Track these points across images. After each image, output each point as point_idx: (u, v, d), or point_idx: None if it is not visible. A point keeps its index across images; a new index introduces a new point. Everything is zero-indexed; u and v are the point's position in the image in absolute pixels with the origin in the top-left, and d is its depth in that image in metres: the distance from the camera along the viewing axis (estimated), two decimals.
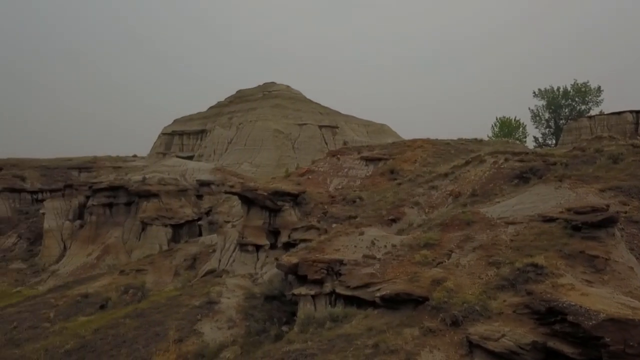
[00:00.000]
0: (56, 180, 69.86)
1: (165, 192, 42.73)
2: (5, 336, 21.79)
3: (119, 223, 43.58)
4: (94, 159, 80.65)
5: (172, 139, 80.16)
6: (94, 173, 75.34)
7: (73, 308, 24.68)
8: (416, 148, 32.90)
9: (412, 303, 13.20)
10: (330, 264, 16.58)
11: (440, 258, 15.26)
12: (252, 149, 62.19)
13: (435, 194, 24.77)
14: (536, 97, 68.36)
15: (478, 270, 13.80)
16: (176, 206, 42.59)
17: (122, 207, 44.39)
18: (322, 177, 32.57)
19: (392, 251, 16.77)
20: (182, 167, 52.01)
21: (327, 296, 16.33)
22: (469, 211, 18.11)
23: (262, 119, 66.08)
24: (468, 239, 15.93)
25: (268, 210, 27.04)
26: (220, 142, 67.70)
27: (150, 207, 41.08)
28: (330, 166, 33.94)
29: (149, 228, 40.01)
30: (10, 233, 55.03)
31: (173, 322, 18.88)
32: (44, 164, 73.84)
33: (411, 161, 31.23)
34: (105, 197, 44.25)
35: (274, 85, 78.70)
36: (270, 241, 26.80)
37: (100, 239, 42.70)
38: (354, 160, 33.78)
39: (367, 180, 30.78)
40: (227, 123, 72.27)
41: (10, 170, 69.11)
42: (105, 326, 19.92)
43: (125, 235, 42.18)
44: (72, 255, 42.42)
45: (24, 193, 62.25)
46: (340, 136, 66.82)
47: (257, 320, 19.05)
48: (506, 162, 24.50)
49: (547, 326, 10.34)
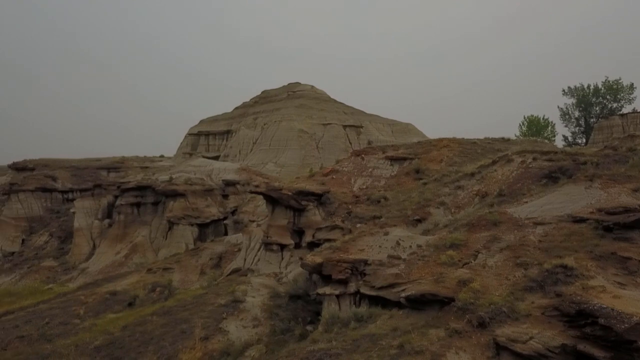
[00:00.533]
0: (86, 180, 71.48)
1: (192, 192, 43.29)
2: (38, 331, 22.37)
3: (146, 222, 44.37)
4: (122, 160, 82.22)
5: (198, 140, 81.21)
6: (122, 173, 76.82)
7: (102, 305, 25.21)
8: (442, 147, 32.56)
9: (437, 304, 13.06)
10: (355, 263, 16.54)
11: (466, 259, 15.07)
12: (276, 149, 62.60)
13: (461, 194, 24.48)
14: (565, 95, 66.88)
15: (505, 271, 13.57)
16: (202, 206, 43.11)
17: (150, 206, 45.19)
18: (346, 176, 32.52)
19: (417, 251, 16.63)
20: (208, 167, 52.64)
21: (352, 296, 16.30)
22: (495, 211, 17.83)
23: (287, 119, 66.44)
24: (495, 239, 15.68)
25: (292, 210, 27.15)
26: (245, 143, 68.30)
27: (177, 207, 41.68)
28: (355, 166, 33.86)
29: (176, 227, 40.59)
30: (42, 231, 56.57)
31: (199, 320, 19.10)
32: (74, 164, 75.62)
33: (437, 160, 30.93)
34: (133, 196, 45.11)
35: (299, 85, 78.99)
36: (295, 240, 26.90)
37: (128, 238, 43.53)
38: (379, 159, 33.62)
39: (392, 180, 30.61)
40: (252, 123, 72.86)
41: (42, 171, 70.97)
42: (133, 323, 20.27)
43: (152, 234, 42.90)
44: (101, 253, 43.35)
45: (55, 193, 63.81)
46: (364, 136, 66.62)
47: (281, 320, 19.14)
48: (534, 162, 24.05)
49: (577, 329, 10.10)
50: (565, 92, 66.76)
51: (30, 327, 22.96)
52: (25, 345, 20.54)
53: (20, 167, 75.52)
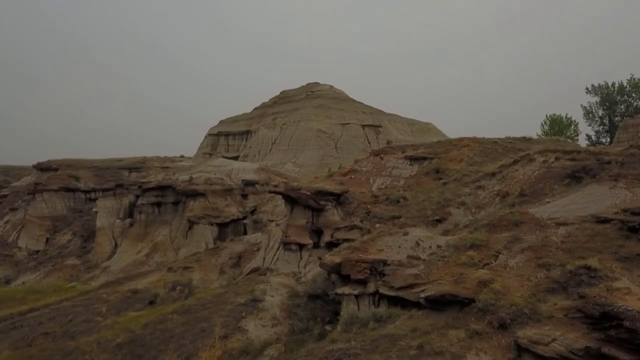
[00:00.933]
0: (108, 180, 72.63)
1: (212, 192, 43.64)
2: (61, 328, 22.83)
3: (167, 221, 44.87)
4: (143, 160, 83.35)
5: (217, 140, 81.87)
6: (143, 173, 77.84)
7: (123, 303, 25.59)
8: (462, 147, 32.28)
9: (457, 304, 12.94)
10: (374, 264, 16.49)
11: (487, 259, 14.90)
12: (295, 149, 62.79)
13: (482, 194, 24.24)
14: (589, 93, 65.62)
15: (527, 272, 13.38)
16: (222, 205, 43.43)
17: (170, 206, 45.69)
18: (365, 176, 32.46)
19: (437, 252, 16.50)
20: (227, 167, 53.03)
21: (371, 296, 16.25)
22: (517, 211, 17.60)
23: (306, 119, 66.58)
24: (516, 240, 15.48)
25: (311, 210, 27.19)
26: (264, 143, 68.65)
27: (197, 206, 42.06)
28: (374, 166, 33.77)
29: (196, 227, 40.96)
30: (66, 230, 57.65)
31: (218, 318, 19.25)
32: (96, 164, 76.90)
33: (457, 160, 30.67)
34: (154, 196, 45.66)
35: (317, 85, 79.09)
36: (314, 240, 26.93)
37: (149, 237, 44.07)
38: (398, 159, 33.48)
39: (411, 179, 30.45)
40: (271, 124, 73.20)
41: (66, 171, 72.29)
42: (153, 321, 20.53)
43: (172, 233, 43.37)
44: (122, 252, 43.97)
45: (78, 192, 64.94)
46: (383, 135, 66.41)
47: (300, 319, 19.17)
48: (557, 161, 23.68)
49: (601, 331, 9.91)
50: (589, 91, 65.50)
51: (54, 324, 23.44)
52: (50, 342, 20.98)
53: (44, 167, 77.05)
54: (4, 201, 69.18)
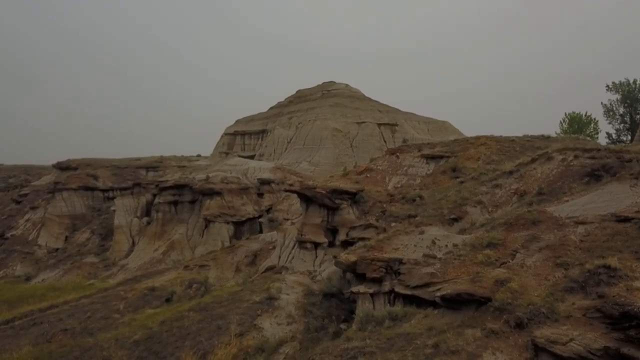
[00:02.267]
0: (126, 179, 73.41)
1: (228, 191, 43.96)
2: (80, 325, 23.20)
3: (183, 220, 45.31)
4: (160, 159, 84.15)
5: (234, 139, 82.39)
6: (161, 172, 78.51)
7: (141, 301, 25.90)
8: (479, 145, 32.00)
9: (474, 303, 12.86)
10: (389, 262, 16.47)
11: (504, 258, 14.78)
12: (310, 148, 62.95)
13: (499, 193, 24.02)
14: (610, 90, 64.44)
15: (545, 271, 13.24)
16: (238, 204, 43.71)
17: (187, 204, 46.13)
18: (381, 175, 32.38)
19: (453, 251, 16.42)
20: (243, 166, 53.35)
21: (386, 295, 16.23)
22: (535, 210, 17.41)
23: (321, 118, 66.72)
24: (534, 238, 15.33)
25: (326, 209, 27.22)
26: (280, 142, 68.96)
27: (214, 205, 42.40)
28: (389, 164, 33.68)
29: (212, 225, 41.30)
30: (85, 229, 58.50)
31: (234, 316, 19.39)
32: (114, 163, 77.88)
33: (474, 159, 30.43)
34: (170, 195, 46.14)
35: (333, 84, 79.15)
36: (329, 239, 26.95)
37: (166, 235, 44.55)
38: (414, 158, 33.34)
39: (427, 178, 30.30)
40: (287, 123, 73.46)
41: (85, 170, 73.32)
42: (170, 319, 20.73)
43: (189, 231, 43.77)
44: (140, 250, 44.52)
45: (97, 191, 65.77)
46: (400, 134, 66.18)
47: (315, 317, 19.22)
48: (576, 159, 23.37)
49: (620, 331, 9.77)
50: (609, 88, 64.34)
51: (73, 320, 23.83)
52: (69, 338, 21.34)
53: (64, 167, 78.26)
54: (24, 200, 70.42)
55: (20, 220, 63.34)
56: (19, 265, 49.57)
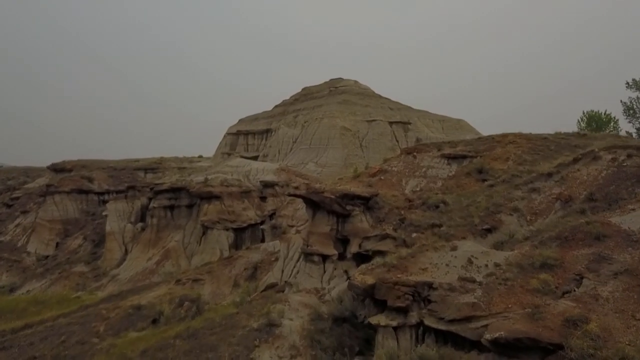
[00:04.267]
0: (123, 181, 70.89)
1: (228, 194, 41.08)
2: (52, 351, 20.44)
3: (180, 226, 42.50)
4: (160, 160, 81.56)
5: (237, 139, 79.52)
6: (159, 174, 75.95)
7: (124, 321, 23.02)
8: (507, 144, 28.86)
9: (538, 351, 9.78)
10: (417, 287, 13.41)
11: (566, 285, 11.71)
12: (317, 148, 59.72)
13: (537, 198, 20.89)
14: (630, 88, 60.84)
15: (630, 306, 10.16)
16: (239, 209, 40.83)
17: (184, 209, 43.31)
18: (397, 177, 29.34)
19: (496, 272, 13.34)
20: (245, 168, 50.46)
21: (413, 328, 13.18)
22: (596, 222, 14.28)
23: (329, 116, 63.45)
24: (602, 259, 12.23)
25: (336, 216, 24.26)
26: (285, 142, 65.89)
27: (212, 210, 39.52)
28: (406, 165, 30.62)
29: (210, 232, 38.43)
30: (77, 234, 55.88)
31: (227, 347, 16.46)
32: (111, 165, 75.37)
33: (503, 159, 27.31)
34: (166, 199, 43.32)
35: (341, 80, 75.87)
36: (339, 250, 23.99)
37: (161, 243, 41.73)
38: (433, 158, 30.26)
39: (450, 181, 27.21)
40: (293, 121, 70.42)
41: (80, 172, 70.84)
42: (153, 347, 17.87)
43: (186, 239, 40.93)
44: (132, 259, 41.75)
45: (91, 194, 63.24)
46: (413, 133, 62.84)
47: (324, 349, 16.26)
48: (629, 159, 20.19)
49: None
50: (629, 85, 60.72)
51: (46, 345, 21.06)
52: None
53: (58, 169, 75.89)
54: (16, 203, 68.00)
55: (10, 225, 60.85)
56: (4, 274, 46.95)
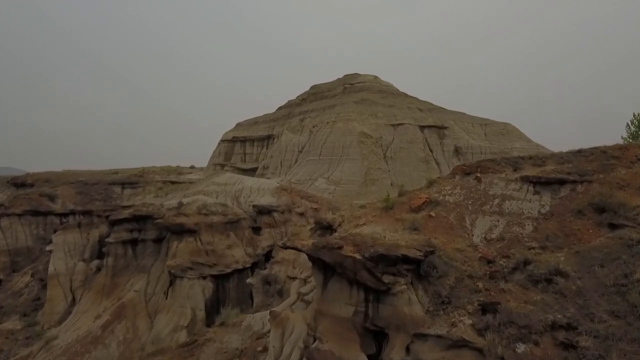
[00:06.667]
0: (94, 199, 62.17)
1: (207, 226, 31.69)
2: None
3: (144, 268, 33.16)
4: (141, 172, 72.75)
5: (232, 147, 70.17)
6: (139, 189, 67.16)
7: None
8: (635, 161, 19.19)
9: None
10: None
11: None
12: (329, 159, 49.77)
13: None
14: None
15: None
16: (221, 246, 31.43)
17: (150, 244, 34.02)
18: (456, 214, 19.76)
19: None
20: (236, 186, 41.08)
21: None
22: None
23: (343, 118, 53.48)
24: None
25: (364, 289, 14.82)
26: (288, 151, 56.16)
27: (184, 250, 30.13)
28: (467, 193, 21.06)
29: (180, 283, 29.01)
30: (27, 269, 46.87)
31: None
32: (82, 178, 66.50)
33: (635, 187, 17.64)
34: (127, 231, 34.03)
35: (358, 76, 65.84)
36: (369, 351, 14.55)
37: (117, 292, 32.37)
38: (509, 182, 20.69)
39: (548, 223, 17.56)
40: (298, 126, 60.77)
41: (42, 187, 62.12)
42: None
43: (150, 286, 31.53)
44: (80, 312, 32.38)
45: (51, 216, 54.52)
46: (449, 140, 52.74)
47: None
48: None
49: None
50: None
51: None
52: None
53: (19, 183, 67.41)
54: None
55: None
56: None
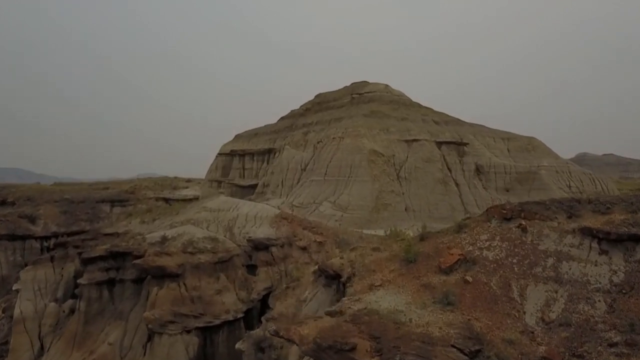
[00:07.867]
0: (79, 219, 58.71)
1: (193, 268, 27.85)
2: None
3: (121, 314, 29.31)
4: (133, 188, 69.16)
5: (230, 161, 66.36)
6: (130, 208, 63.62)
7: None
8: None
9: None
10: None
11: None
12: (335, 180, 45.72)
13: None
14: None
15: None
16: (209, 291, 27.60)
17: (130, 285, 30.20)
18: (498, 277, 15.91)
19: None
20: (230, 213, 37.24)
21: None
22: None
23: (352, 134, 49.43)
24: None
25: None
26: (290, 169, 52.22)
27: (164, 298, 26.27)
28: (509, 247, 17.19)
29: (159, 338, 25.13)
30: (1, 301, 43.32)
31: None
32: (67, 196, 62.93)
33: None
34: (102, 270, 30.22)
35: (367, 85, 61.88)
36: None
37: (90, 343, 28.55)
38: (563, 234, 16.78)
39: (626, 300, 13.62)
40: (302, 140, 56.88)
41: (23, 207, 58.65)
42: None
43: (127, 338, 27.66)
44: None
45: (30, 240, 51.10)
46: (470, 157, 48.54)
47: None
48: None
49: None
50: None
51: None
52: None
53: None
54: None
55: None
56: None
